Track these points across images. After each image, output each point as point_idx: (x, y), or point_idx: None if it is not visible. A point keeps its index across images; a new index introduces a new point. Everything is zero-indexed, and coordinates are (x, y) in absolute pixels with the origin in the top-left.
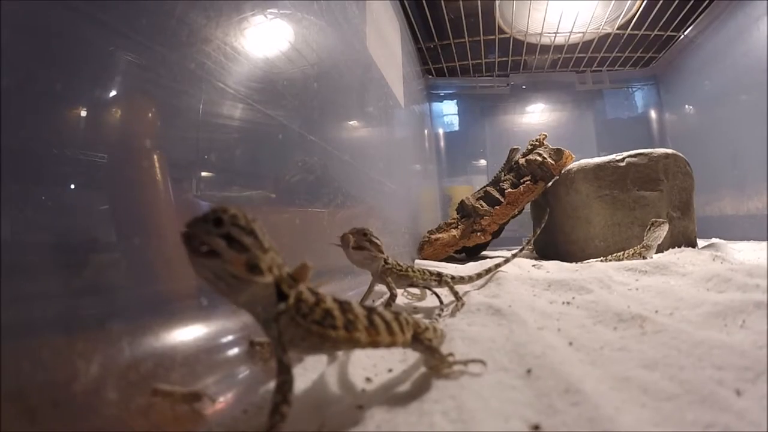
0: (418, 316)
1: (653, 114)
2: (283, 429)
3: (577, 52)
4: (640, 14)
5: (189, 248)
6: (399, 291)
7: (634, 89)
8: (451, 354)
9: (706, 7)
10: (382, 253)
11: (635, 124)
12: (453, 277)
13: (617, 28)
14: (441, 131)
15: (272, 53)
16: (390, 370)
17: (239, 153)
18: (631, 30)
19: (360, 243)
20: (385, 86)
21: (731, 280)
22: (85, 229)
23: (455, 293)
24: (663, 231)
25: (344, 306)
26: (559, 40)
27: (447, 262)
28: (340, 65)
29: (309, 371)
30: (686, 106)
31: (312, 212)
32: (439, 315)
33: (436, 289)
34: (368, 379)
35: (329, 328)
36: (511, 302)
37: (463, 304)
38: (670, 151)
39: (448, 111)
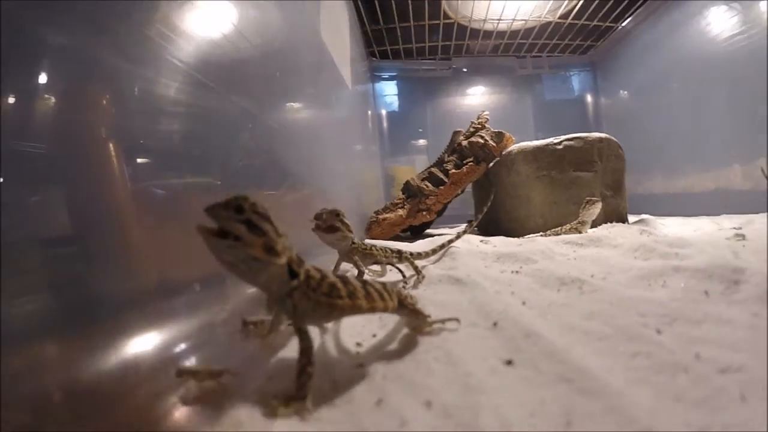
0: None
1: (589, 98)
2: (310, 387)
3: (519, 39)
4: (581, 5)
5: (209, 233)
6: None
7: (571, 74)
8: (428, 316)
9: (644, 2)
10: (351, 233)
11: (572, 107)
12: (412, 254)
13: (558, 17)
14: (384, 112)
15: (218, 34)
16: (374, 335)
17: (183, 138)
18: (571, 19)
19: (333, 223)
20: (334, 68)
21: (655, 250)
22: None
23: (416, 267)
24: (597, 208)
25: (344, 279)
26: (502, 26)
27: (394, 241)
28: (291, 46)
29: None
30: (621, 91)
31: (260, 196)
32: (404, 288)
33: (398, 265)
34: (359, 344)
35: (336, 298)
36: (468, 273)
37: (423, 277)
38: (604, 135)
39: (391, 92)
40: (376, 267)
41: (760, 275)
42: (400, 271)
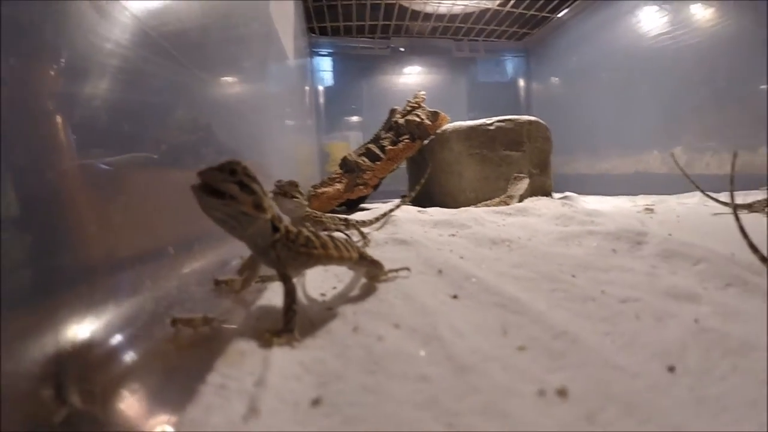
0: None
1: (521, 82)
2: (295, 323)
3: (457, 22)
4: None
5: (204, 193)
6: None
7: (505, 59)
8: (383, 265)
9: None
10: (307, 201)
11: (504, 90)
12: (358, 221)
13: (497, 5)
14: (321, 88)
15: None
16: (334, 287)
17: (114, 110)
18: (509, 7)
19: (292, 192)
20: (278, 41)
21: (574, 218)
22: None
23: (362, 233)
24: (524, 184)
25: (315, 234)
26: (442, 9)
27: (332, 214)
28: (238, 14)
29: (277, 294)
30: (552, 78)
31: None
32: None
33: (346, 232)
34: (323, 294)
35: (312, 249)
36: (410, 235)
37: (369, 241)
38: (533, 118)
39: (329, 69)
40: (324, 233)
41: (660, 238)
42: (348, 236)
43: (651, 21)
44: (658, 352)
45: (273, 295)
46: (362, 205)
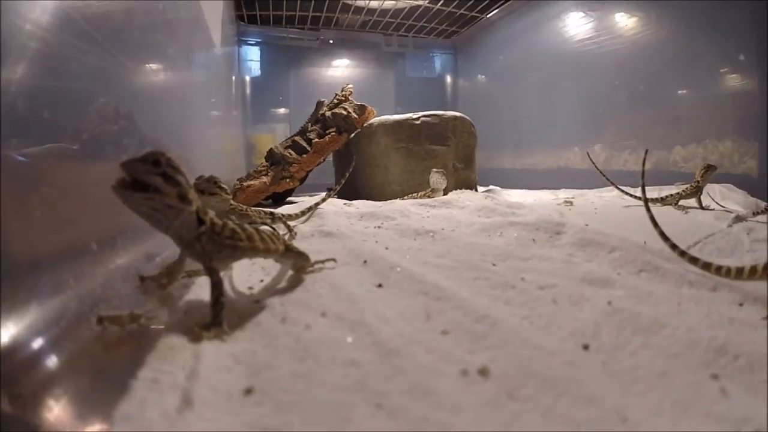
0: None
1: (449, 79)
2: (224, 316)
3: (388, 17)
4: None
5: (126, 188)
6: None
7: (434, 55)
8: (309, 257)
9: None
10: (229, 195)
11: (432, 85)
12: (283, 215)
13: (428, 2)
14: (247, 78)
15: None
16: (261, 280)
17: (34, 100)
18: (440, 5)
19: (211, 190)
20: (206, 29)
21: (496, 210)
22: None
23: (288, 226)
24: (443, 177)
25: (241, 226)
26: (373, 4)
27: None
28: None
29: (203, 288)
30: (479, 75)
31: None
32: None
33: (272, 226)
34: (250, 288)
35: (238, 241)
36: (336, 228)
37: (295, 234)
38: (458, 114)
39: (256, 58)
40: (250, 226)
41: (578, 227)
42: (274, 230)
43: (576, 26)
44: (574, 332)
45: (200, 290)
46: (289, 199)
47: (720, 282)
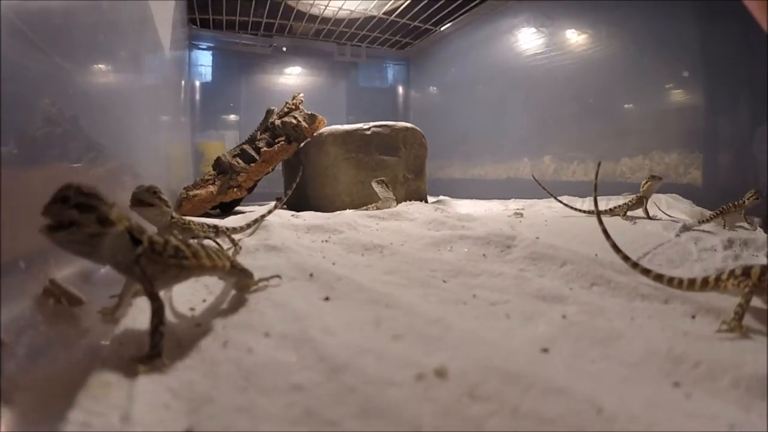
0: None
1: (401, 89)
2: (163, 345)
3: (342, 27)
4: (405, 6)
5: (50, 231)
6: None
7: (386, 65)
8: (253, 274)
9: (464, 12)
10: (170, 207)
11: (384, 95)
12: (228, 228)
13: (382, 13)
14: (197, 84)
15: None
16: (204, 300)
17: None
18: (394, 17)
19: (150, 200)
20: (154, 30)
21: (446, 223)
22: None
23: (232, 240)
24: (382, 187)
25: (184, 243)
26: (328, 12)
27: (204, 218)
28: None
29: (143, 312)
30: (431, 87)
31: (62, 169)
32: None
33: (216, 240)
34: (192, 309)
35: (183, 259)
36: (282, 241)
37: (240, 248)
38: (409, 125)
39: (207, 63)
40: (194, 240)
41: (529, 241)
42: (218, 244)
43: (528, 41)
44: (532, 339)
45: (139, 313)
46: (237, 208)
47: (672, 294)
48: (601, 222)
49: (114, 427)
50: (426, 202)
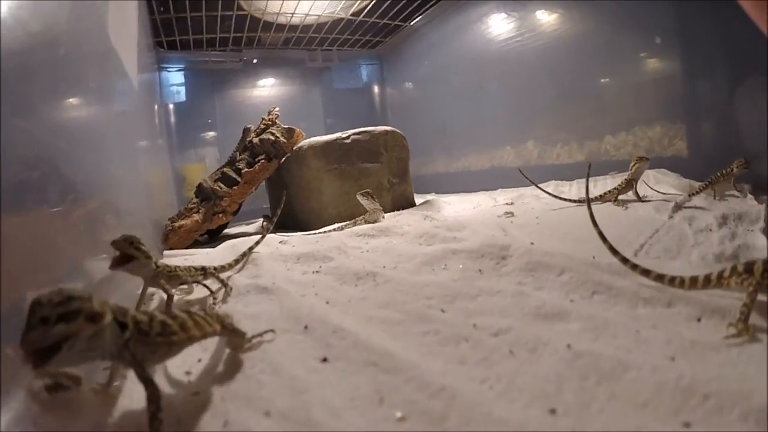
0: (195, 308)
1: (376, 88)
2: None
3: (311, 33)
4: (372, 5)
5: (44, 361)
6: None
7: (360, 66)
8: (246, 333)
9: (432, 5)
10: (150, 258)
11: (359, 95)
12: (216, 268)
13: (350, 14)
14: (171, 106)
15: None
16: (199, 360)
17: None
18: (363, 17)
19: (128, 251)
20: (117, 60)
21: (437, 236)
22: None
23: (222, 281)
24: (368, 200)
25: (169, 314)
26: (295, 20)
27: (193, 247)
28: (73, 33)
29: (136, 383)
30: (406, 83)
31: (43, 215)
32: (214, 303)
33: (205, 282)
34: (188, 372)
35: (171, 335)
36: (272, 280)
37: (231, 289)
38: (389, 128)
39: (179, 85)
40: (183, 286)
41: (523, 249)
42: (207, 287)
43: (499, 27)
44: (537, 394)
45: (134, 388)
46: (225, 232)
47: (675, 295)
48: (595, 224)
49: None
50: (414, 204)
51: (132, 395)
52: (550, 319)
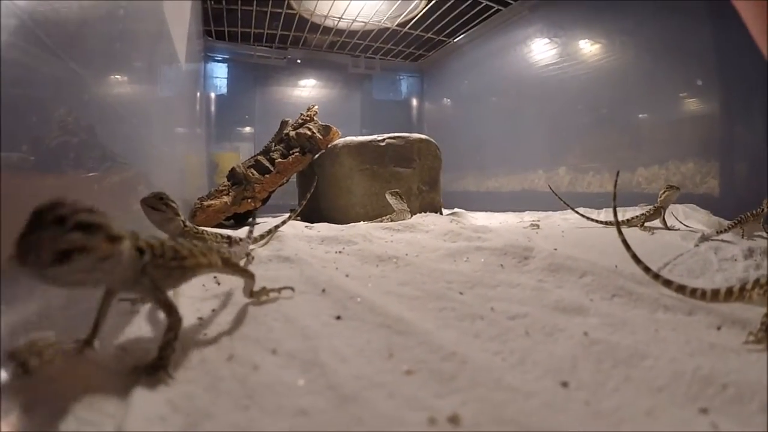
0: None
1: (415, 102)
2: (171, 359)
3: (356, 39)
4: (419, 17)
5: (48, 265)
6: None
7: (401, 78)
8: (264, 287)
9: (477, 23)
10: (179, 215)
11: (398, 108)
12: (241, 239)
13: (396, 25)
14: (213, 95)
15: None
16: (213, 310)
17: None
18: (408, 29)
19: (155, 205)
20: (170, 42)
21: (461, 234)
22: None
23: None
24: (395, 199)
25: (177, 242)
26: (342, 25)
27: (218, 228)
28: (132, 9)
29: (149, 322)
30: (445, 99)
31: (77, 178)
32: None
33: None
34: (200, 318)
35: (183, 260)
36: (295, 252)
37: (253, 258)
38: (424, 136)
39: (222, 75)
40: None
41: (546, 252)
42: (230, 254)
43: (541, 52)
44: (550, 368)
45: (143, 323)
46: (251, 220)
47: (696, 305)
48: (620, 232)
49: None
50: (441, 214)
51: (141, 326)
52: (568, 313)
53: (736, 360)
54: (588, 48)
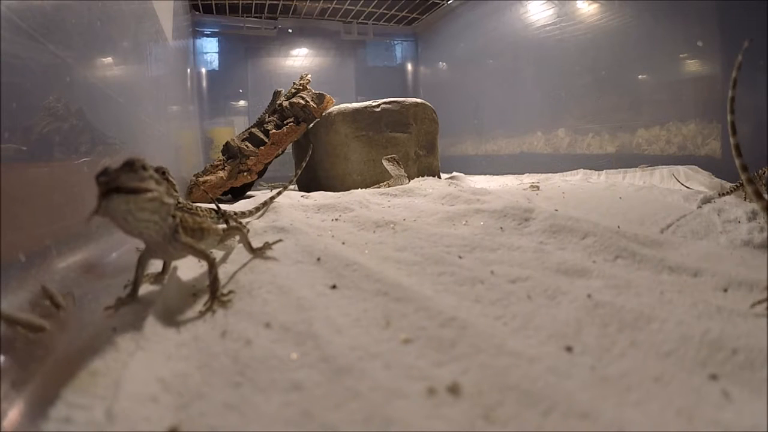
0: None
1: (410, 66)
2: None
3: (347, 5)
4: None
5: (131, 192)
6: None
7: (394, 43)
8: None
9: None
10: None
11: (393, 73)
12: (236, 213)
13: None
14: (204, 71)
15: None
16: (208, 286)
17: None
18: None
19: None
20: (155, 19)
21: (460, 197)
22: None
23: (240, 224)
24: (392, 164)
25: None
26: None
27: (207, 205)
28: None
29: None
30: (440, 62)
31: (71, 164)
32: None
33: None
34: (194, 295)
35: (201, 223)
36: (290, 222)
37: (248, 231)
38: (419, 100)
39: (212, 50)
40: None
41: (547, 213)
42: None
43: (538, 12)
44: (554, 332)
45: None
46: (248, 193)
47: (700, 267)
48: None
49: (97, 422)
50: (439, 178)
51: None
52: (570, 275)
53: (744, 324)
54: (586, 7)
